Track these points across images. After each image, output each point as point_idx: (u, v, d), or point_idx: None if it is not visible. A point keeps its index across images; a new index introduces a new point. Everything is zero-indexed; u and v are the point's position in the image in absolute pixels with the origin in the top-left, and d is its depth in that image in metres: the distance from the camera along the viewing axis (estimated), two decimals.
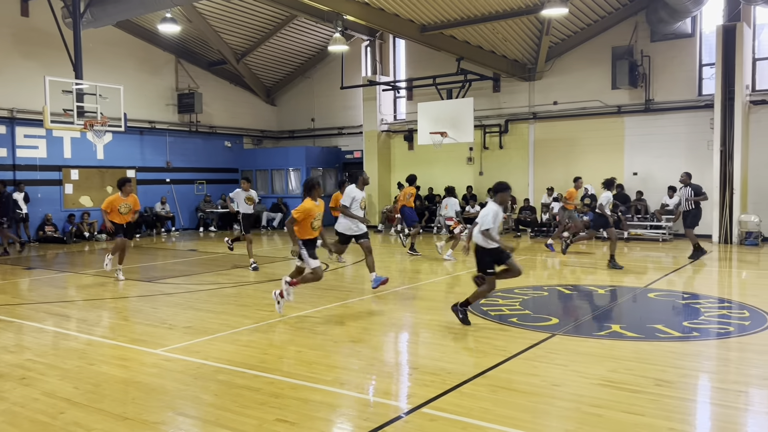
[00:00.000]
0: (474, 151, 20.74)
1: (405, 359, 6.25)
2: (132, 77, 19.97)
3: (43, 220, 18.06)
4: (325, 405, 4.77)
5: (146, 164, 20.87)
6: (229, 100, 23.89)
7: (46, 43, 17.43)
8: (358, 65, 22.72)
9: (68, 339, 6.96)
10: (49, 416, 4.59)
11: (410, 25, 16.98)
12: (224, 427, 4.31)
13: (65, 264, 13.85)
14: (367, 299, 9.16)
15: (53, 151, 18.46)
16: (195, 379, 5.42)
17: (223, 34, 21.01)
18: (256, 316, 7.92)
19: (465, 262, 13.00)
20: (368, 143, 22.28)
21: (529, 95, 19.80)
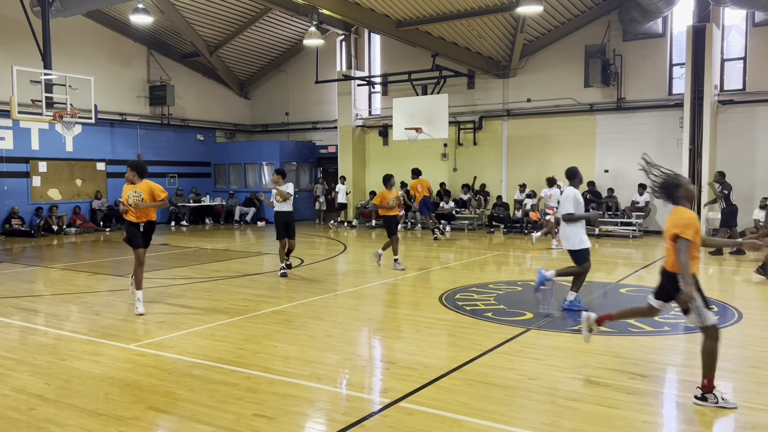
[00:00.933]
0: (448, 147, 20.82)
1: (382, 354, 6.25)
2: (103, 68, 19.59)
3: (9, 213, 17.63)
4: (302, 400, 4.76)
5: (117, 157, 20.50)
6: (202, 93, 23.59)
7: (13, 32, 16.98)
8: (333, 60, 22.61)
9: (37, 334, 6.82)
10: (19, 412, 4.49)
11: (386, 20, 16.95)
12: (201, 422, 4.27)
13: (33, 258, 13.55)
14: (343, 294, 9.14)
15: (20, 142, 18.01)
16: (170, 374, 5.35)
17: (196, 26, 20.72)
18: (230, 311, 7.85)
19: (438, 258, 13.05)
20: (343, 138, 22.21)
21: (503, 92, 19.94)
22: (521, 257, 13.45)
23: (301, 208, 23.37)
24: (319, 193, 22.45)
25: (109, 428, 4.21)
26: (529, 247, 14.76)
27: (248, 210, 22.59)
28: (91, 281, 10.33)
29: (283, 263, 10.59)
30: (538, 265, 11.64)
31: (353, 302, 8.61)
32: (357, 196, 22.10)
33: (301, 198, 23.46)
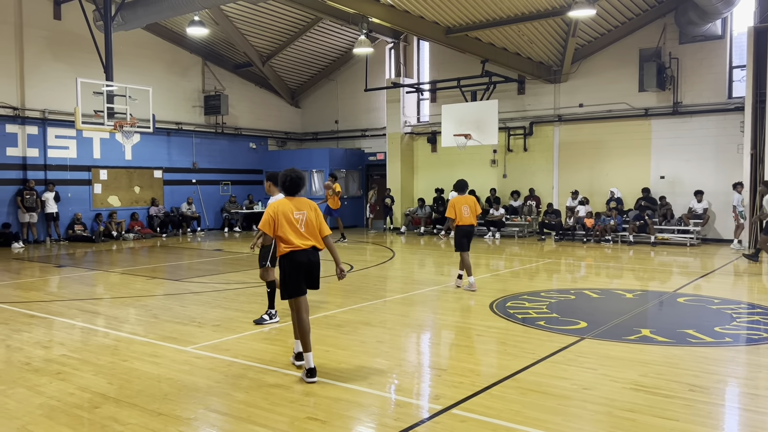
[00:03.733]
0: (498, 153, 20.65)
1: (432, 360, 6.24)
2: (160, 79, 20.27)
3: (73, 219, 18.39)
4: (354, 404, 4.80)
5: (173, 165, 21.15)
6: (255, 102, 24.11)
7: (77, 46, 17.78)
8: (382, 67, 22.78)
9: (100, 335, 7.08)
10: (85, 410, 4.68)
11: (435, 27, 16.97)
12: (257, 424, 4.36)
13: (94, 262, 14.08)
14: (392, 300, 9.17)
15: (83, 151, 18.80)
16: (226, 376, 5.48)
17: (250, 37, 21.21)
18: (282, 315, 7.96)
19: (488, 266, 12.96)
20: (391, 145, 22.32)
21: (554, 97, 19.67)
22: (574, 265, 13.21)
23: (348, 214, 23.58)
24: (373, 200, 22.33)
25: (168, 428, 4.34)
26: (582, 255, 14.47)
27: None
28: (149, 285, 10.67)
29: None
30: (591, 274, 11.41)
31: (402, 308, 8.62)
32: (405, 203, 22.14)
33: (350, 204, 23.68)
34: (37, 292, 10.11)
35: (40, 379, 5.42)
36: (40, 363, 5.93)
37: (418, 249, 16.41)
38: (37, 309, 8.56)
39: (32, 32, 17.50)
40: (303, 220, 5.55)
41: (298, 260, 5.46)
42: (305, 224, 5.54)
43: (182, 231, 20.73)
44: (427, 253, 15.54)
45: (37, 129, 17.75)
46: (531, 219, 19.23)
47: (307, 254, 5.49)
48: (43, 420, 4.48)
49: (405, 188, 22.19)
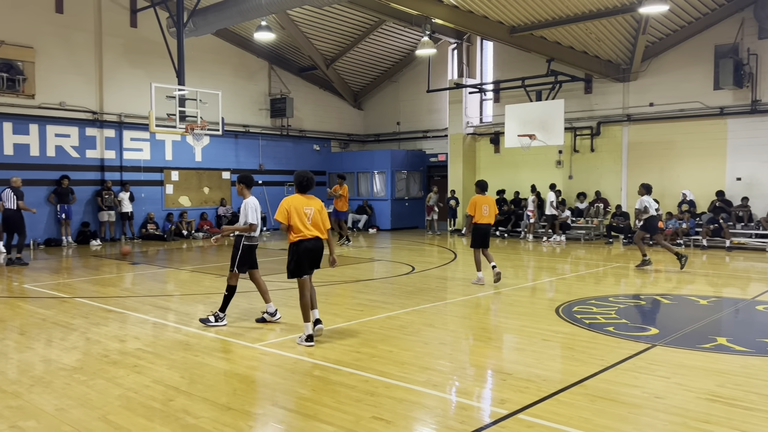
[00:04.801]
0: (563, 154, 20.22)
1: (497, 364, 6.17)
2: (229, 83, 20.88)
3: (146, 218, 19.19)
4: (419, 405, 4.80)
5: (240, 166, 21.74)
6: (318, 105, 24.49)
7: (152, 52, 18.54)
8: (444, 68, 22.70)
9: (172, 331, 7.36)
10: (160, 402, 4.87)
11: (499, 26, 16.79)
12: (323, 421, 4.43)
13: (165, 260, 14.62)
14: (455, 302, 9.13)
15: (156, 153, 19.58)
16: (292, 373, 5.59)
17: (314, 41, 21.57)
18: (346, 315, 8.08)
19: (553, 269, 12.70)
20: (453, 146, 22.20)
21: (623, 96, 19.09)
22: (643, 270, 12.78)
23: (408, 215, 23.63)
24: (432, 202, 22.18)
25: (238, 422, 4.47)
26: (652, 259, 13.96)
27: (360, 217, 23.10)
28: (217, 283, 10.99)
29: None
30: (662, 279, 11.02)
31: (465, 311, 8.57)
32: (467, 204, 21.89)
33: (410, 206, 23.71)
34: (114, 288, 10.59)
35: (118, 372, 5.68)
36: (118, 356, 6.21)
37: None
38: (114, 304, 8.97)
39: (110, 40, 18.36)
40: (311, 214, 6.67)
41: (305, 247, 6.61)
42: (312, 218, 6.66)
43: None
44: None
45: (114, 132, 18.61)
46: (598, 222, 18.73)
47: (312, 242, 6.63)
48: (121, 410, 4.70)
49: (467, 189, 22.01)
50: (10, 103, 16.48)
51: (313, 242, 6.62)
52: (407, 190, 23.70)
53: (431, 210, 21.94)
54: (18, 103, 16.63)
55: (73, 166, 17.72)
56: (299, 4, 15.27)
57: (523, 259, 14.65)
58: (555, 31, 17.09)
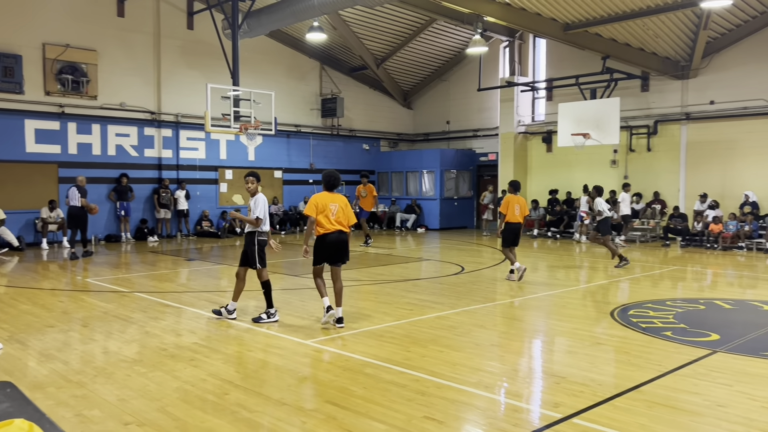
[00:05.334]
0: (618, 153, 19.72)
1: (550, 367, 6.07)
2: (281, 83, 21.20)
3: (201, 216, 19.68)
4: (471, 407, 4.78)
5: (292, 165, 22.06)
6: (369, 104, 24.61)
7: (207, 54, 18.99)
8: (495, 66, 22.47)
9: (226, 326, 7.53)
10: (216, 396, 4.99)
11: (553, 24, 16.50)
12: (375, 419, 4.45)
13: (219, 257, 14.96)
14: (506, 304, 9.03)
15: (211, 152, 20.06)
16: (344, 371, 5.64)
17: (365, 40, 21.68)
18: (396, 314, 8.09)
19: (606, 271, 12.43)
20: (504, 145, 21.95)
21: (681, 94, 18.49)
22: (702, 273, 12.37)
23: (457, 215, 23.48)
24: (486, 201, 21.78)
25: (292, 417, 4.54)
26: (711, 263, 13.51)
27: (409, 217, 23.10)
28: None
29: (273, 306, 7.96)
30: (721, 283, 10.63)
31: (517, 312, 8.47)
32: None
33: (459, 205, 23.56)
34: (170, 283, 10.91)
35: (175, 365, 5.85)
36: (175, 349, 6.39)
37: (531, 252, 16.03)
38: (170, 299, 9.24)
39: (168, 42, 18.90)
40: (335, 210, 7.38)
41: (329, 240, 7.35)
42: (336, 213, 7.36)
43: (299, 229, 21.55)
44: (541, 256, 15.14)
45: (171, 132, 19.16)
46: (654, 223, 18.21)
47: (335, 235, 7.36)
48: (179, 403, 4.83)
49: None
50: (75, 104, 17.17)
51: (336, 235, 7.36)
52: (456, 190, 23.56)
53: (486, 209, 21.66)
54: (81, 104, 17.31)
55: (132, 165, 18.33)
56: (351, 4, 15.38)
57: (575, 260, 14.37)
58: (611, 27, 16.70)
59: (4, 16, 15.95)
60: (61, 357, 6.14)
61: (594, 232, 13.51)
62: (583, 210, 18.55)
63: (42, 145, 16.75)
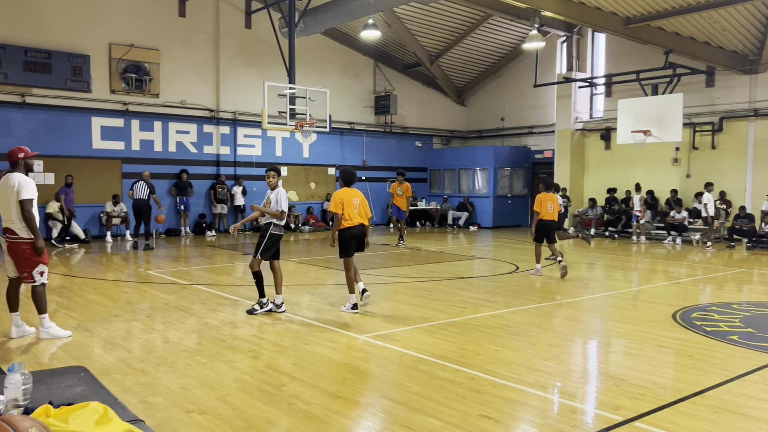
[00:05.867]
0: (681, 151, 19.07)
1: (610, 369, 5.92)
2: (336, 81, 21.38)
3: None
4: (528, 406, 4.71)
5: (345, 163, 22.22)
6: (422, 101, 24.56)
7: (264, 52, 19.33)
8: (552, 62, 22.06)
9: (283, 319, 7.65)
10: (273, 387, 5.08)
11: (613, 18, 16.06)
12: (430, 416, 4.44)
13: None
14: (563, 303, 8.86)
15: (267, 149, 20.43)
16: (398, 366, 5.65)
17: (419, 37, 21.64)
18: (450, 311, 8.06)
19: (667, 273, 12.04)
20: (560, 142, 21.53)
21: (749, 90, 17.72)
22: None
23: (508, 213, 23.17)
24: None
25: (348, 411, 4.58)
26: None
27: (461, 214, 22.95)
28: (323, 275, 11.32)
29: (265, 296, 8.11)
30: None
31: (574, 313, 8.30)
32: (574, 203, 21.24)
33: (513, 203, 23.26)
34: (227, 276, 11.17)
35: (234, 356, 5.98)
36: (234, 341, 6.54)
37: (588, 252, 15.68)
38: (228, 291, 9.47)
39: (227, 41, 19.33)
40: (357, 205, 7.95)
41: (352, 232, 7.90)
42: (358, 208, 7.95)
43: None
44: (598, 256, 14.80)
45: (229, 129, 19.60)
46: (719, 224, 17.52)
47: (357, 228, 7.94)
48: (238, 393, 4.94)
49: (574, 187, 21.30)
50: (138, 102, 17.77)
51: (358, 228, 7.94)
52: (510, 188, 23.27)
53: None
54: (144, 101, 17.90)
55: (191, 161, 18.85)
56: (406, 1, 15.37)
57: (633, 261, 13.98)
58: (674, 21, 16.13)
59: (74, 18, 16.64)
60: (125, 345, 6.38)
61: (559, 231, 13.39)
62: (637, 210, 18.03)
63: (107, 142, 17.41)
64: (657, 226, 18.67)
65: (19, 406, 2.32)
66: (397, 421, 4.35)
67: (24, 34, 15.82)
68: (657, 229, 18.73)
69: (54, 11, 16.34)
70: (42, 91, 16.19)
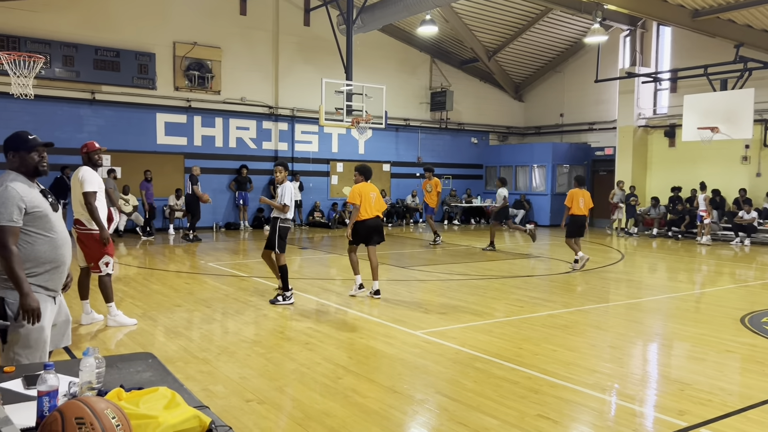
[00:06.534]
0: (750, 148, 18.24)
1: (673, 373, 5.74)
2: (392, 77, 21.40)
3: (313, 206, 20.35)
4: (587, 408, 4.61)
5: (399, 159, 22.27)
6: (478, 97, 24.32)
7: (322, 49, 19.54)
8: (614, 57, 21.44)
9: (339, 313, 7.74)
10: (330, 379, 5.15)
11: (680, 10, 15.50)
12: (486, 414, 4.41)
13: (330, 246, 15.40)
14: (623, 305, 8.63)
15: (323, 146, 20.67)
16: (454, 363, 5.63)
17: (477, 32, 21.42)
18: (506, 310, 7.97)
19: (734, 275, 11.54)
20: (622, 139, 20.93)
21: None
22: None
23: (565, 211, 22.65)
24: (617, 199, 19.93)
25: (403, 405, 4.60)
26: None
27: (518, 212, 22.62)
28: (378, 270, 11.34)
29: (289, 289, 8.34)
30: None
31: (636, 314, 8.06)
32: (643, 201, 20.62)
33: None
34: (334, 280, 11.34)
35: (291, 347, 6.09)
36: (292, 333, 6.66)
37: (650, 252, 15.20)
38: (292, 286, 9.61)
39: (286, 39, 19.64)
40: (374, 198, 8.59)
41: (367, 224, 8.56)
42: (375, 202, 8.58)
43: (406, 221, 21.74)
44: (660, 257, 14.33)
45: (287, 125, 19.93)
46: None
47: (373, 220, 8.59)
48: (296, 384, 5.03)
49: (637, 185, 20.67)
50: (200, 99, 18.28)
51: (374, 220, 8.58)
52: (569, 185, 22.72)
53: (615, 208, 19.85)
54: (206, 98, 18.39)
55: (250, 157, 19.26)
56: None
57: (698, 262, 13.48)
58: (746, 12, 15.43)
59: (141, 17, 17.24)
60: (186, 334, 6.58)
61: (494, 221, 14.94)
62: (702, 209, 17.35)
63: (171, 137, 17.98)
64: (724, 226, 17.93)
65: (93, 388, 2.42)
66: (453, 418, 4.34)
67: (95, 33, 16.50)
68: (724, 230, 17.98)
69: (123, 11, 16.98)
70: (110, 89, 16.86)
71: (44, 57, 13.17)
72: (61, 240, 3.53)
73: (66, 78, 16.19)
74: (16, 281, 3.27)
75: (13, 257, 3.26)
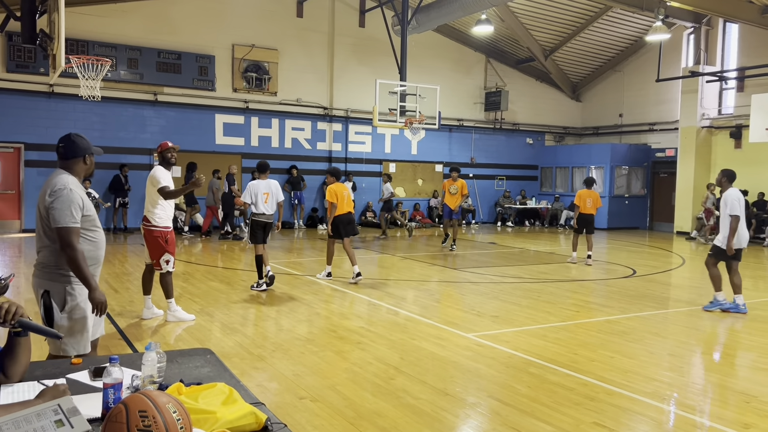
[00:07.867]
0: None
1: (739, 383, 5.50)
2: (446, 77, 21.30)
3: (365, 207, 20.45)
4: (646, 418, 4.48)
5: (453, 160, 22.11)
6: (534, 97, 23.93)
7: (377, 50, 19.63)
8: (677, 55, 20.73)
9: (390, 313, 7.76)
10: (381, 379, 5.16)
11: (748, 6, 14.87)
12: (540, 420, 4.34)
13: (381, 246, 15.45)
14: (684, 312, 8.33)
15: (376, 146, 20.76)
16: (507, 367, 5.56)
17: (533, 31, 21.09)
18: (561, 315, 7.82)
19: None
20: (684, 140, 20.21)
21: None
22: None
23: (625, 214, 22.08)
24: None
25: (455, 408, 4.57)
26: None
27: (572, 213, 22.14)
28: (429, 271, 11.34)
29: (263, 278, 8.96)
30: None
31: (697, 322, 7.77)
32: (697, 205, 19.87)
33: (630, 204, 22.14)
34: (337, 268, 11.43)
35: (344, 346, 6.14)
36: (344, 332, 6.71)
37: None
38: (337, 284, 9.72)
39: (341, 40, 19.82)
40: (346, 196, 9.71)
41: (341, 219, 9.65)
42: (347, 200, 9.71)
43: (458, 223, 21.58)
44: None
45: (341, 126, 20.10)
46: None
47: (346, 216, 9.72)
48: (348, 383, 5.07)
49: (698, 188, 19.93)
50: (258, 100, 18.65)
51: (347, 216, 9.72)
52: (628, 188, 22.16)
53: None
54: (263, 99, 18.75)
55: (305, 157, 19.52)
56: None
57: (765, 268, 12.88)
58: None
59: (202, 21, 17.72)
60: (242, 330, 6.73)
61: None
62: None
63: (228, 138, 18.41)
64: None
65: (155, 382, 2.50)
66: (506, 423, 4.29)
67: (158, 37, 17.07)
68: None
69: (184, 15, 17.49)
70: (172, 90, 17.39)
71: (110, 60, 13.69)
72: (102, 241, 3.78)
73: (130, 80, 16.80)
74: (84, 278, 3.48)
75: (79, 255, 3.46)
